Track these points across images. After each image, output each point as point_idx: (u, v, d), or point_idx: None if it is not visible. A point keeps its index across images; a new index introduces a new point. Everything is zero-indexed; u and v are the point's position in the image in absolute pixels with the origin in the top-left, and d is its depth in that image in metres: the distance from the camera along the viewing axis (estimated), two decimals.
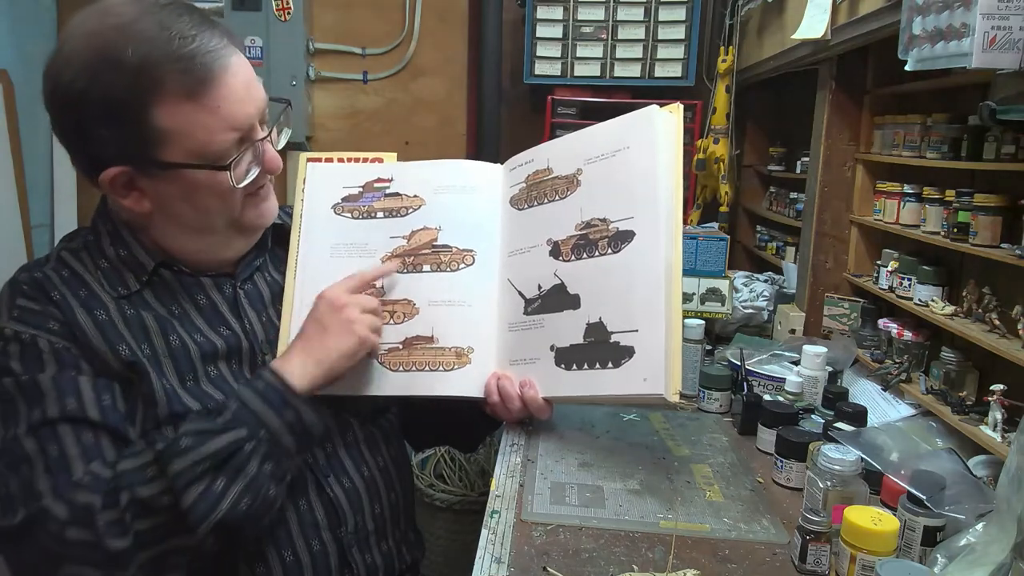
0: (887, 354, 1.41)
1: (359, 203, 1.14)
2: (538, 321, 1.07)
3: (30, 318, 0.89)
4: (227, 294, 1.02)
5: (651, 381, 0.96)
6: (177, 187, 0.92)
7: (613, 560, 0.84)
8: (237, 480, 0.87)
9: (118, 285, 0.94)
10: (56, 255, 0.96)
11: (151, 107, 0.87)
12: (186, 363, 0.94)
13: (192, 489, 0.84)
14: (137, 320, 0.93)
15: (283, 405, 0.92)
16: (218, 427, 0.88)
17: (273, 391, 0.92)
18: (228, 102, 0.89)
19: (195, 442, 0.86)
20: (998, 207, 1.15)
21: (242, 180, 0.94)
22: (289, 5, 2.38)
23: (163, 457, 0.85)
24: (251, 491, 0.88)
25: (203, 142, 0.89)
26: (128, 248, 0.96)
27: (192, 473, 0.85)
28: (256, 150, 0.95)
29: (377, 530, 1.09)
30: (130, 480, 0.85)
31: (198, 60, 0.87)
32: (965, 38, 0.94)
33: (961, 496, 0.83)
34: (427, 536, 1.31)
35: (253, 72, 0.95)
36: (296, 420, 0.93)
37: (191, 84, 0.87)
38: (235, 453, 0.87)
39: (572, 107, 2.33)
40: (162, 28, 0.86)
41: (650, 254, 1.00)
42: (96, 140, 0.89)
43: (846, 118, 1.63)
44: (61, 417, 0.86)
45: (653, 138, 1.03)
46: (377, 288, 1.09)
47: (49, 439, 0.86)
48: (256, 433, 0.89)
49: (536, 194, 1.12)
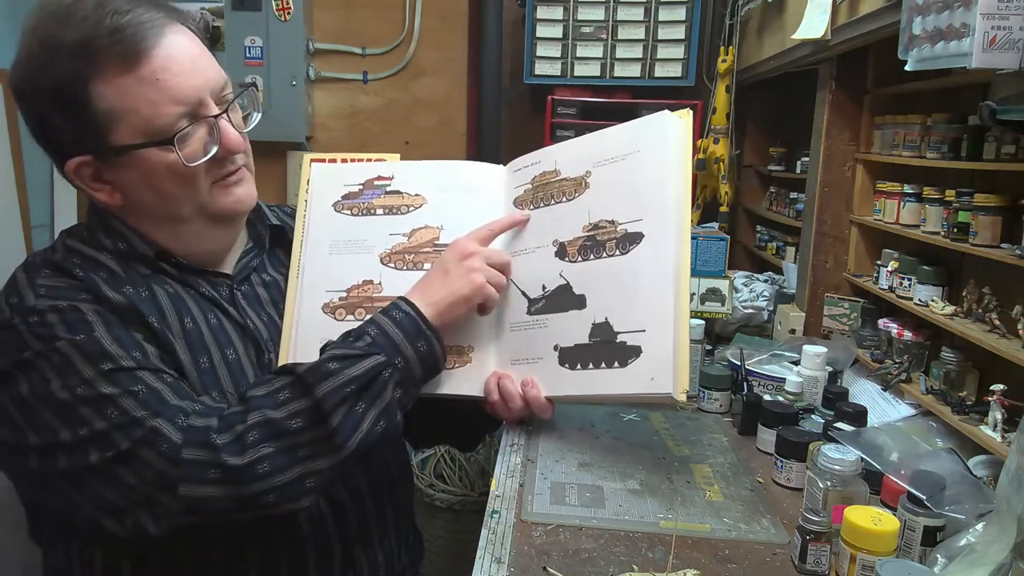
0: (887, 354, 1.41)
1: (359, 200, 1.15)
2: (542, 321, 1.07)
3: (60, 292, 0.88)
4: (224, 294, 1.02)
5: (659, 380, 0.96)
6: (136, 173, 0.92)
7: (613, 560, 0.84)
8: (375, 404, 0.90)
9: (130, 270, 0.94)
10: (62, 244, 0.96)
11: (92, 86, 0.87)
12: (200, 346, 0.95)
13: (339, 410, 0.87)
14: (152, 301, 0.93)
15: (417, 334, 0.96)
16: (360, 351, 0.91)
17: (409, 320, 0.96)
18: (169, 73, 0.88)
19: (342, 365, 0.89)
20: (998, 207, 1.15)
21: (195, 159, 0.92)
22: (289, 5, 2.38)
23: (308, 378, 0.87)
24: (386, 415, 0.91)
25: (146, 118, 0.88)
26: (126, 240, 0.96)
27: (340, 395, 0.87)
28: (211, 127, 0.93)
29: (380, 528, 1.09)
30: (259, 404, 0.86)
31: (129, 31, 0.86)
32: (965, 38, 0.94)
33: (961, 496, 0.83)
34: (427, 536, 1.31)
35: (203, 50, 0.94)
36: (428, 350, 0.97)
37: (124, 55, 0.86)
38: (375, 378, 0.90)
39: (572, 107, 2.33)
40: (98, 6, 0.87)
41: (659, 256, 1.00)
42: (53, 130, 0.90)
43: (846, 118, 1.63)
44: (137, 367, 0.85)
45: (665, 142, 1.04)
46: (375, 284, 1.09)
47: (130, 381, 0.84)
48: (393, 360, 0.93)
49: (543, 195, 1.12)
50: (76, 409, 0.83)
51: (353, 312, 1.09)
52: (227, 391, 0.94)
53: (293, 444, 0.85)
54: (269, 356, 1.02)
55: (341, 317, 1.09)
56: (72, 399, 0.83)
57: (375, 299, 1.09)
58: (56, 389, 0.83)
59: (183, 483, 0.82)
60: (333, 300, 1.10)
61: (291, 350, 1.05)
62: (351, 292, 1.10)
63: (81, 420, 0.83)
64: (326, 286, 1.10)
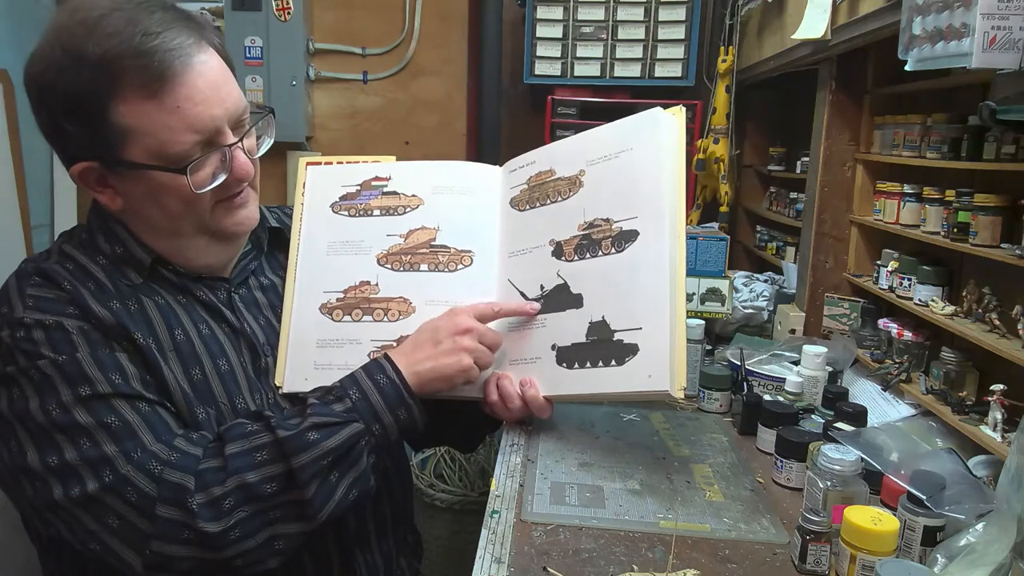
0: (887, 354, 1.41)
1: (356, 201, 1.15)
2: (540, 321, 1.07)
3: (47, 305, 0.88)
4: (222, 297, 1.01)
5: (656, 378, 0.96)
6: (142, 187, 0.91)
7: (613, 560, 0.84)
8: (350, 472, 0.90)
9: (120, 278, 0.94)
10: (58, 248, 0.96)
11: (111, 103, 0.86)
12: (191, 357, 0.94)
13: (315, 481, 0.86)
14: (142, 314, 0.93)
15: (399, 403, 0.94)
16: (339, 418, 0.90)
17: (392, 388, 0.94)
18: (190, 103, 0.87)
19: (321, 436, 0.87)
20: (998, 207, 1.15)
21: (204, 186, 0.91)
22: (289, 5, 2.38)
23: (287, 446, 0.86)
24: (360, 482, 0.91)
25: (162, 142, 0.87)
26: (124, 245, 0.95)
27: (316, 467, 0.86)
28: (224, 155, 0.92)
29: (378, 530, 1.09)
30: (237, 465, 0.85)
31: (157, 57, 0.85)
32: (965, 38, 0.93)
33: (961, 496, 0.83)
34: (427, 536, 1.32)
35: (228, 75, 0.93)
36: (407, 418, 0.95)
37: (149, 81, 0.85)
38: (352, 448, 0.90)
39: (572, 107, 2.33)
40: (128, 24, 0.85)
41: (654, 253, 1.00)
42: (64, 134, 0.89)
43: (846, 118, 1.63)
44: (113, 392, 0.85)
45: (656, 139, 1.04)
46: (372, 285, 1.09)
47: (104, 411, 0.84)
48: (371, 427, 0.92)
49: (538, 195, 1.12)
50: (49, 434, 0.83)
51: (350, 312, 1.09)
52: (220, 403, 0.94)
53: (266, 507, 0.85)
54: (266, 361, 1.02)
55: (338, 318, 1.09)
56: (48, 423, 0.83)
57: (372, 300, 1.09)
58: (34, 409, 0.84)
59: (156, 539, 0.82)
60: (330, 301, 1.10)
61: (288, 351, 1.05)
62: (348, 293, 1.10)
63: (53, 446, 0.83)
64: (323, 287, 1.10)
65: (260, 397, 0.99)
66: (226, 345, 0.98)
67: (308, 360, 1.06)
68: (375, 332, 1.08)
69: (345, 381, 0.95)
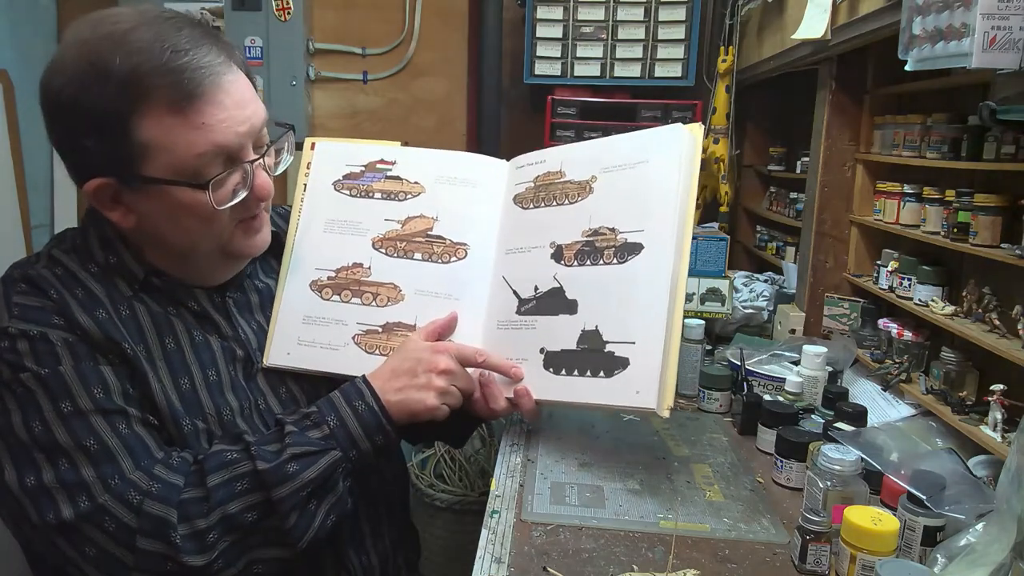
0: (887, 354, 1.41)
1: (359, 182, 1.15)
2: (530, 322, 1.06)
3: (32, 315, 0.87)
4: (216, 302, 1.01)
5: (644, 394, 0.95)
6: (160, 204, 0.90)
7: (613, 560, 0.84)
8: (328, 498, 0.91)
9: (111, 288, 0.93)
10: (47, 253, 0.94)
11: (136, 118, 0.84)
12: (181, 367, 0.94)
13: (295, 512, 0.87)
14: (132, 321, 0.92)
15: (377, 429, 0.94)
16: (317, 447, 0.90)
17: (371, 414, 0.94)
18: (216, 120, 0.87)
19: (300, 467, 0.88)
20: (998, 207, 1.15)
21: (225, 202, 0.90)
22: (289, 5, 2.38)
23: (267, 478, 0.86)
24: (337, 508, 0.92)
25: (184, 158, 0.86)
26: (119, 256, 0.94)
27: (296, 498, 0.87)
28: (245, 173, 0.92)
29: (372, 530, 1.08)
30: (221, 497, 0.85)
31: (187, 75, 0.84)
32: (965, 38, 0.93)
33: (961, 496, 0.83)
34: (427, 536, 1.32)
35: (252, 93, 0.92)
36: (384, 443, 0.95)
37: (176, 98, 0.84)
38: (331, 476, 0.90)
39: (572, 107, 2.33)
40: (156, 40, 0.84)
41: (657, 269, 0.99)
42: (82, 149, 0.87)
43: (846, 118, 1.63)
44: (94, 409, 0.85)
45: (675, 155, 1.02)
46: (365, 268, 1.09)
47: (84, 431, 0.84)
48: (349, 454, 0.92)
49: (544, 195, 1.11)
50: (29, 452, 0.83)
51: (339, 292, 1.09)
52: (208, 414, 0.94)
53: (246, 535, 0.86)
54: (257, 367, 1.02)
55: (327, 296, 1.09)
56: (29, 439, 0.83)
57: (363, 283, 1.09)
58: (16, 424, 0.84)
59: (137, 571, 0.83)
60: (321, 278, 1.10)
61: (276, 325, 1.06)
62: (340, 272, 1.10)
63: (31, 465, 0.83)
64: (316, 263, 1.11)
65: (248, 404, 0.99)
66: (217, 354, 0.98)
67: (293, 335, 1.06)
68: (362, 315, 1.08)
69: (323, 406, 0.95)
